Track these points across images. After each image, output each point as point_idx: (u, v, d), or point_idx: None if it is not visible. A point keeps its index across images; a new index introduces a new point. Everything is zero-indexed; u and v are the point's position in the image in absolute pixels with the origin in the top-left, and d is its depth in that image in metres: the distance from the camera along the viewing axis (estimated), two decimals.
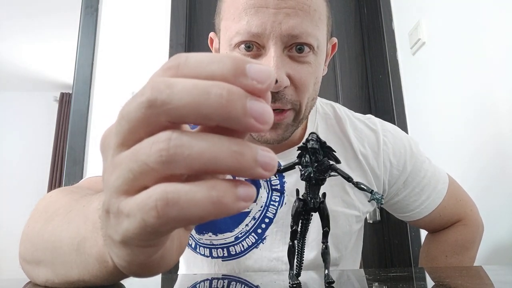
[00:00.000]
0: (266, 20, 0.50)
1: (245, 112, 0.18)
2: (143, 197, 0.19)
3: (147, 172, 0.19)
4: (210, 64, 0.19)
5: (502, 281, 0.43)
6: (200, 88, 0.18)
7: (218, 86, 0.18)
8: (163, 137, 0.18)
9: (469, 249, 0.73)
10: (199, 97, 0.18)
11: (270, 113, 0.19)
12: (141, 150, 0.19)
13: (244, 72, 0.19)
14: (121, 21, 1.52)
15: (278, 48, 0.51)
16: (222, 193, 0.18)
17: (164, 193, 0.18)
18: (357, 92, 1.62)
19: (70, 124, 1.39)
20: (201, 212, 0.18)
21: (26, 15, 2.95)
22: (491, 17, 0.93)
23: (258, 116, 0.18)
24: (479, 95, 0.97)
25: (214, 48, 0.65)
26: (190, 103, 0.18)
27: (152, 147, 0.18)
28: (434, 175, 0.70)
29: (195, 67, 0.19)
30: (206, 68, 0.19)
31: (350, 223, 0.65)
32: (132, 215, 0.19)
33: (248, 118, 0.18)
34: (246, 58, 0.19)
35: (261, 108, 0.18)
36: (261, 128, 0.18)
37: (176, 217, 0.18)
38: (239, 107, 0.18)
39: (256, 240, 0.62)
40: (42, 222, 0.36)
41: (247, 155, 0.18)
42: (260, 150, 0.19)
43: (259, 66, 0.19)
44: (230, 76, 0.19)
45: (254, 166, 0.18)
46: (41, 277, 0.34)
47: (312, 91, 0.56)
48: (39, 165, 3.97)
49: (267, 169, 0.19)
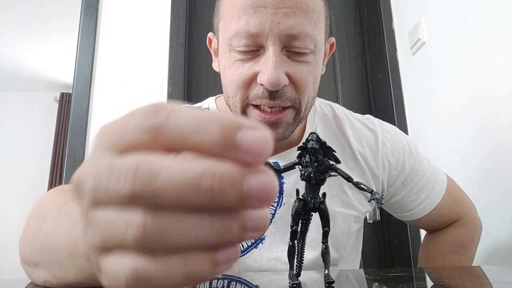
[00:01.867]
0: (265, 20, 0.50)
1: (242, 198, 0.16)
2: (115, 268, 0.17)
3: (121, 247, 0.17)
4: (194, 133, 0.16)
5: (501, 281, 0.43)
6: (188, 180, 0.16)
7: (208, 176, 0.16)
8: (137, 222, 0.16)
9: (468, 248, 0.73)
10: (186, 192, 0.16)
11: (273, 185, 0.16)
12: (116, 228, 0.17)
13: (234, 145, 0.16)
14: (121, 21, 1.52)
15: (277, 47, 0.51)
16: (198, 266, 0.17)
17: (135, 271, 0.17)
18: (357, 92, 1.62)
19: (70, 124, 1.39)
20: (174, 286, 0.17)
21: (26, 15, 2.95)
22: (491, 17, 0.93)
23: (259, 196, 0.16)
24: (479, 95, 0.97)
25: (212, 49, 0.65)
26: (177, 198, 0.16)
27: (127, 231, 0.16)
28: (433, 175, 0.70)
29: (177, 135, 0.17)
30: (189, 138, 0.17)
31: (349, 223, 0.65)
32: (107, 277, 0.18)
33: (247, 201, 0.16)
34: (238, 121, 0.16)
35: (261, 187, 0.16)
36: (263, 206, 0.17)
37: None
38: (234, 196, 0.16)
39: (255, 240, 0.62)
40: (37, 224, 0.36)
41: (234, 228, 0.17)
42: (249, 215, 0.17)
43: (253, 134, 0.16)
44: (218, 150, 0.16)
45: (242, 235, 0.17)
46: (40, 278, 0.34)
47: (311, 90, 0.56)
48: (39, 165, 3.97)
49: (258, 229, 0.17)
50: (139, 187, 0.16)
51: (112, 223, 0.17)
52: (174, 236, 0.16)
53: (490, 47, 0.93)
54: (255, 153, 0.16)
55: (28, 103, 4.19)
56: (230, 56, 0.55)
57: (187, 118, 0.17)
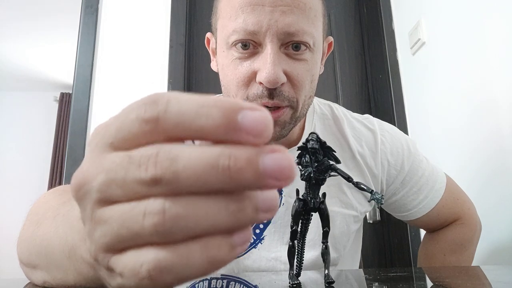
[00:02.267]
0: (263, 18, 0.50)
1: (259, 176, 0.16)
2: (134, 263, 0.17)
3: (139, 240, 0.17)
4: (195, 119, 0.17)
5: (501, 281, 0.43)
6: (206, 161, 0.16)
7: (224, 156, 0.16)
8: (156, 208, 0.16)
9: (467, 248, 0.73)
10: (205, 173, 0.16)
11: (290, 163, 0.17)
12: (132, 218, 0.17)
13: (236, 127, 0.16)
14: (121, 21, 1.52)
15: (275, 45, 0.51)
16: (216, 250, 0.17)
17: (157, 261, 0.17)
18: (357, 92, 1.62)
19: (70, 124, 1.39)
20: (198, 273, 0.17)
21: (26, 15, 2.95)
22: (491, 17, 0.93)
23: (276, 174, 0.16)
24: (479, 95, 0.97)
25: (211, 48, 0.65)
26: (197, 181, 0.16)
27: (145, 219, 0.17)
28: (432, 174, 0.70)
29: (178, 122, 0.17)
30: (191, 124, 0.17)
31: (348, 223, 0.65)
32: (125, 276, 0.18)
33: (265, 180, 0.16)
34: (238, 103, 0.17)
35: (278, 164, 0.16)
36: (282, 185, 0.17)
37: (172, 281, 0.17)
38: (250, 175, 0.16)
39: (254, 240, 0.62)
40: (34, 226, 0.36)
41: (248, 209, 0.17)
42: (261, 196, 0.17)
43: (254, 114, 0.16)
44: (221, 134, 0.16)
45: (256, 216, 0.17)
46: (39, 279, 0.34)
47: (308, 89, 0.56)
48: (39, 165, 3.97)
49: (269, 210, 0.18)
50: (161, 171, 0.16)
51: (127, 216, 0.17)
52: (192, 220, 0.17)
53: (490, 47, 0.93)
54: (258, 132, 0.16)
55: (28, 103, 4.19)
56: (229, 55, 0.55)
57: (187, 105, 0.17)
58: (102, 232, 0.18)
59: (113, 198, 0.18)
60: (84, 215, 0.19)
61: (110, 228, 0.18)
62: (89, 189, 0.18)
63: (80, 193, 0.19)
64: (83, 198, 0.19)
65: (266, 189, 0.17)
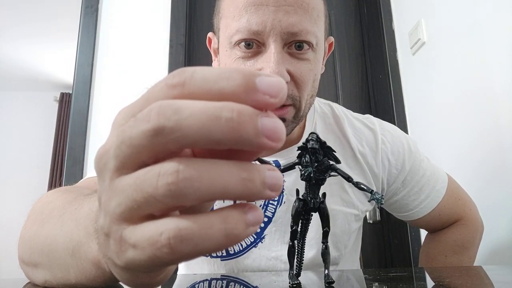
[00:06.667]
0: (266, 17, 0.51)
1: (257, 132, 0.17)
2: (153, 232, 0.18)
3: (153, 204, 0.18)
4: (218, 81, 0.18)
5: (502, 281, 0.42)
6: (210, 112, 0.17)
7: (228, 109, 0.17)
8: (170, 169, 0.17)
9: (469, 248, 0.73)
10: (209, 122, 0.17)
11: (282, 128, 0.18)
12: (147, 181, 0.18)
13: (255, 88, 0.18)
14: (121, 21, 1.52)
15: (278, 44, 0.52)
16: (234, 224, 0.18)
17: (178, 230, 0.17)
18: (357, 92, 1.62)
19: (70, 124, 1.39)
20: (214, 246, 0.18)
21: (26, 15, 2.95)
22: (491, 17, 0.93)
23: (270, 134, 0.18)
24: (479, 95, 0.97)
25: (212, 48, 0.65)
26: (200, 130, 0.17)
27: (159, 180, 0.17)
28: (433, 174, 0.70)
29: (203, 85, 0.18)
30: (214, 85, 0.18)
31: (349, 221, 0.65)
32: (139, 247, 0.18)
33: (261, 138, 0.17)
34: (255, 71, 0.18)
35: (273, 125, 0.18)
36: (274, 145, 0.18)
37: (190, 252, 0.18)
38: (251, 128, 0.17)
39: (254, 240, 0.62)
40: (37, 224, 0.36)
41: (257, 181, 0.18)
42: (267, 171, 0.18)
43: (270, 78, 0.18)
44: (241, 93, 0.18)
45: (263, 190, 0.18)
46: (40, 279, 0.34)
47: (311, 88, 0.57)
48: (39, 165, 3.97)
49: (274, 189, 0.18)
50: (163, 120, 0.17)
51: (141, 180, 0.18)
52: (205, 183, 0.17)
53: (490, 47, 0.93)
54: (274, 93, 0.18)
55: (28, 103, 4.19)
56: (232, 54, 0.55)
57: (210, 71, 0.18)
58: (118, 201, 0.19)
59: (128, 164, 0.19)
60: (102, 188, 0.20)
61: (125, 196, 0.18)
62: (107, 158, 0.19)
63: (101, 164, 0.20)
64: (103, 168, 0.20)
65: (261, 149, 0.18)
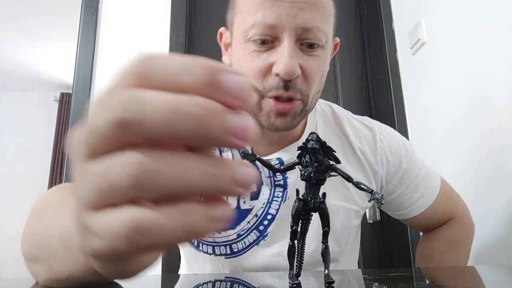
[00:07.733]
0: (281, 12, 0.53)
1: (224, 131, 0.17)
2: (112, 222, 0.17)
3: (116, 193, 0.17)
4: (181, 75, 0.17)
5: (493, 281, 0.43)
6: (175, 107, 0.16)
7: (194, 104, 0.17)
8: (134, 160, 0.17)
9: (464, 245, 0.75)
10: (174, 117, 0.16)
11: (251, 128, 0.17)
12: (111, 170, 0.17)
13: (218, 85, 0.17)
14: (121, 21, 1.52)
15: (292, 39, 0.54)
16: (195, 219, 0.17)
17: (135, 222, 0.17)
18: (357, 92, 1.62)
19: (70, 124, 1.39)
20: (173, 240, 0.17)
21: (26, 15, 2.95)
22: (491, 17, 0.93)
23: (238, 133, 0.17)
24: (479, 95, 0.97)
25: (223, 43, 0.67)
26: (164, 124, 0.16)
27: (123, 170, 0.17)
28: (428, 174, 0.73)
29: (165, 77, 0.18)
30: (177, 79, 0.17)
31: (350, 217, 0.66)
32: (100, 236, 0.18)
33: (228, 137, 0.17)
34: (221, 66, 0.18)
35: (241, 125, 0.17)
36: (241, 145, 0.17)
37: (147, 245, 0.17)
38: (217, 126, 0.17)
39: (257, 237, 0.63)
40: (37, 220, 0.36)
41: (225, 177, 0.17)
42: (238, 167, 0.18)
43: (235, 77, 0.17)
44: (204, 89, 0.17)
45: (232, 186, 0.18)
46: (41, 275, 0.34)
47: (318, 84, 0.59)
48: (39, 165, 3.97)
49: (245, 187, 0.18)
50: (129, 112, 0.16)
51: (107, 168, 0.17)
52: (169, 176, 0.17)
53: (490, 47, 0.93)
54: (237, 93, 0.17)
55: (28, 103, 4.19)
56: (246, 48, 0.57)
57: (173, 62, 0.18)
58: (86, 187, 0.18)
59: (97, 151, 0.18)
60: (75, 174, 0.19)
61: (93, 182, 0.18)
62: (79, 143, 0.19)
63: (75, 148, 0.19)
64: (76, 153, 0.19)
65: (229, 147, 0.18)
